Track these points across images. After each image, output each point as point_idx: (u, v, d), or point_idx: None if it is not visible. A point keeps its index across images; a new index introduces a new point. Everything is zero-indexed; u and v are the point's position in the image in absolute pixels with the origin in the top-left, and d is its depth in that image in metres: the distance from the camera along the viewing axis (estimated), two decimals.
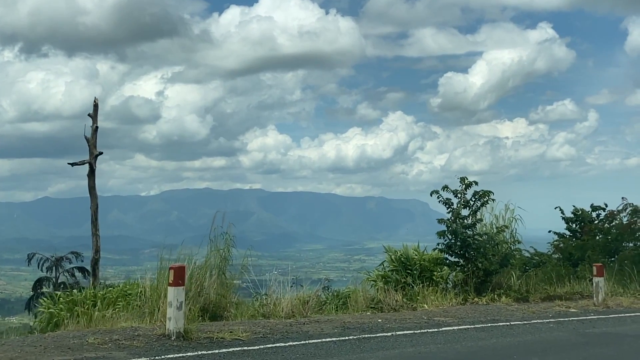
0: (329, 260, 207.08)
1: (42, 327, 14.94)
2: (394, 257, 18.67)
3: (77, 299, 14.69)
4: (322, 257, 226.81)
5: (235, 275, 15.65)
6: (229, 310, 14.03)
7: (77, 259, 50.97)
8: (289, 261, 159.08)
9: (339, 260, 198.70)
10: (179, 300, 9.99)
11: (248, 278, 16.17)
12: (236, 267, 16.82)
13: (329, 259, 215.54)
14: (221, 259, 15.50)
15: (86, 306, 14.07)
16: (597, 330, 12.69)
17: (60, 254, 51.70)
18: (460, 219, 17.63)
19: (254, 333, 10.91)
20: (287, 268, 68.87)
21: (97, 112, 25.22)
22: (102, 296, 14.77)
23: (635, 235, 21.57)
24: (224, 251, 15.57)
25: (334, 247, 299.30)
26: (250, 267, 17.27)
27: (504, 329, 12.43)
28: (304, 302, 14.74)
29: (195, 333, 10.28)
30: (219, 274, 15.21)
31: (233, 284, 15.43)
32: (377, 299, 15.70)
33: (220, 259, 15.45)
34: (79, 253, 51.49)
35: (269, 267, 78.94)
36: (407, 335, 11.38)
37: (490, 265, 17.31)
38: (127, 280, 16.65)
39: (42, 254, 51.46)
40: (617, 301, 16.70)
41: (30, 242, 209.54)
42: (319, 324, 12.35)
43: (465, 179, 18.12)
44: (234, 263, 15.79)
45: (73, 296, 14.96)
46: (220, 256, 15.51)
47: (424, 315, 14.01)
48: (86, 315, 13.47)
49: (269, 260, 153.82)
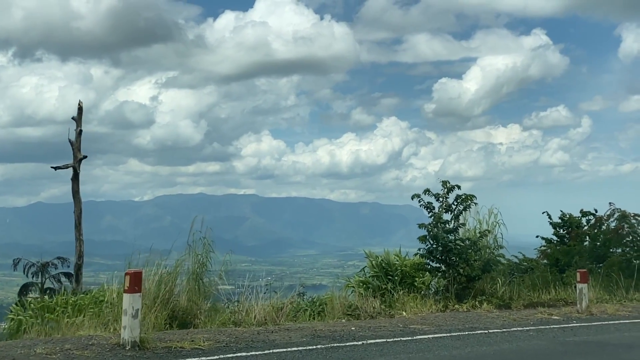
0: (322, 265, 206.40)
1: (10, 334, 14.46)
2: (374, 262, 18.24)
3: (48, 305, 14.27)
4: (315, 262, 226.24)
5: (213, 281, 15.18)
6: (199, 317, 13.53)
7: (62, 265, 50.52)
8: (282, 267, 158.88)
9: (333, 266, 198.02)
10: (135, 307, 9.49)
11: (240, 284, 15.77)
12: (229, 272, 16.48)
13: (322, 264, 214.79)
14: (199, 264, 15.10)
15: (56, 313, 13.65)
16: (578, 338, 12.23)
17: (46, 259, 51.26)
18: (442, 224, 17.18)
19: (217, 342, 10.41)
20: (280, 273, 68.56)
21: (82, 115, 24.80)
22: (73, 303, 14.32)
23: (623, 241, 21.19)
24: (202, 256, 15.16)
25: (328, 253, 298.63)
26: (247, 272, 16.85)
27: (481, 337, 11.96)
28: (278, 309, 14.29)
29: (152, 342, 9.77)
30: (196, 279, 14.82)
31: (209, 290, 14.95)
32: (354, 306, 15.23)
33: (198, 265, 15.06)
34: (65, 258, 50.98)
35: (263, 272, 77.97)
36: (378, 344, 10.90)
37: (472, 271, 16.87)
38: (102, 286, 16.17)
39: (27, 260, 51.04)
40: (601, 308, 16.26)
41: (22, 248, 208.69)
42: (289, 332, 11.86)
43: (447, 182, 17.68)
44: (228, 268, 15.42)
45: (44, 302, 14.53)
46: (198, 261, 15.11)
47: (400, 322, 13.54)
48: (56, 322, 13.05)
49: (263, 265, 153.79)
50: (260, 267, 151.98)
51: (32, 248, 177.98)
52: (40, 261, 50.35)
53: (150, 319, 12.22)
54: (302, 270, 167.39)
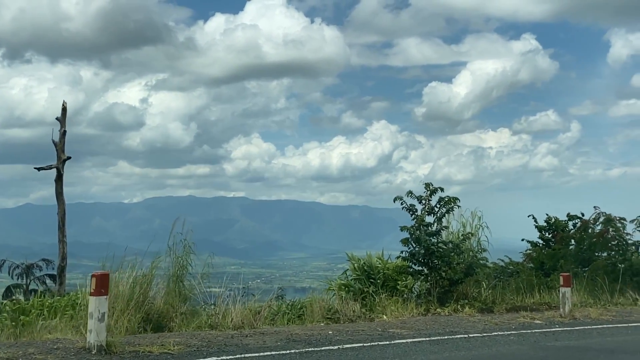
0: (312, 268, 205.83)
1: None
2: (356, 265, 18.02)
3: (24, 307, 13.99)
4: (305, 265, 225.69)
5: (192, 284, 14.92)
6: (174, 320, 13.25)
7: (47, 267, 50.19)
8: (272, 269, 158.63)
9: (323, 269, 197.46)
10: (101, 311, 9.20)
11: (229, 286, 15.52)
12: (215, 274, 16.26)
13: (312, 267, 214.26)
14: (179, 266, 14.85)
15: (31, 316, 13.37)
16: (559, 343, 12.01)
17: (31, 261, 50.95)
18: (425, 226, 16.96)
19: (188, 346, 10.13)
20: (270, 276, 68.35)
21: (66, 116, 24.50)
22: (49, 305, 14.05)
23: (608, 245, 21.05)
24: (182, 259, 14.91)
25: (318, 256, 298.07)
26: (228, 274, 16.60)
27: (461, 342, 11.72)
28: (256, 312, 14.02)
29: (119, 346, 9.48)
30: (176, 282, 14.57)
31: (189, 292, 14.68)
32: (334, 309, 14.98)
33: (178, 267, 14.81)
34: (50, 260, 50.64)
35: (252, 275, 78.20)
36: (354, 349, 10.64)
37: (455, 274, 16.66)
38: (79, 288, 15.88)
39: (12, 261, 50.73)
40: (585, 312, 16.09)
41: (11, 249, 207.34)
42: (264, 336, 11.59)
43: (430, 184, 17.48)
44: (210, 271, 15.18)
45: (20, 305, 14.25)
46: (179, 264, 14.86)
47: (379, 326, 13.28)
48: (30, 325, 12.76)
49: (252, 268, 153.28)
50: (249, 269, 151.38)
51: (20, 249, 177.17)
52: (25, 263, 50.04)
53: (123, 322, 11.96)
54: (291, 273, 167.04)
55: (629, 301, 18.57)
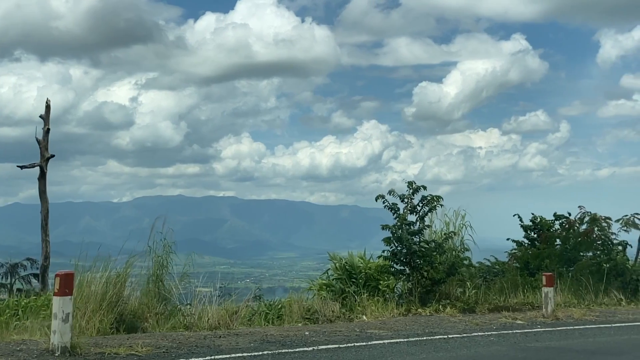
0: (301, 268, 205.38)
1: None
2: (338, 265, 17.81)
3: None
4: (295, 265, 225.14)
5: (172, 284, 14.63)
6: (148, 321, 12.96)
7: (32, 266, 49.80)
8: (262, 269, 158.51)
9: (312, 269, 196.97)
10: (65, 311, 8.92)
11: (218, 286, 15.25)
12: (207, 274, 16.00)
13: (302, 267, 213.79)
14: (159, 266, 14.59)
15: (5, 316, 13.07)
16: (540, 344, 11.79)
17: (16, 260, 50.56)
18: (406, 225, 16.73)
19: (157, 347, 9.85)
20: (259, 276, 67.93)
21: (49, 114, 24.18)
22: (25, 305, 13.76)
23: (593, 244, 20.85)
24: (162, 258, 14.65)
25: (308, 256, 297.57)
26: (226, 274, 16.33)
27: (440, 343, 11.48)
28: (232, 313, 13.75)
29: (85, 348, 9.20)
30: (156, 282, 14.31)
31: (165, 293, 14.38)
32: (314, 310, 14.72)
33: (158, 266, 14.55)
34: (35, 259, 50.24)
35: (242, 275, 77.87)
36: (329, 350, 10.39)
37: (437, 274, 16.44)
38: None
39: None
40: (568, 312, 15.88)
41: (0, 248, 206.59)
42: (238, 337, 11.32)
43: (412, 183, 17.25)
44: (205, 271, 14.96)
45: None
46: (158, 263, 14.60)
47: (358, 327, 13.03)
48: (4, 325, 12.47)
49: (242, 268, 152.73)
50: (239, 269, 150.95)
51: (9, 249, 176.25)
52: (9, 262, 49.62)
53: (94, 322, 11.69)
54: (281, 272, 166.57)
55: (614, 301, 18.39)
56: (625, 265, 19.92)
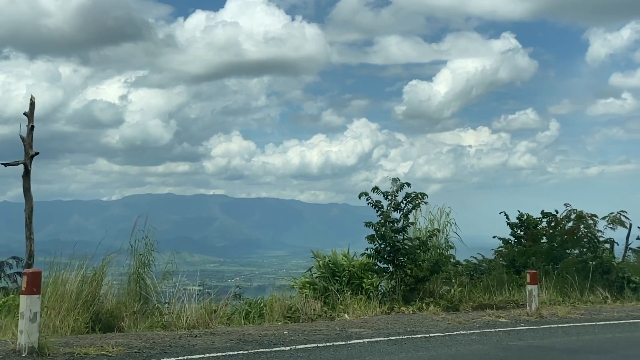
0: (292, 266, 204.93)
1: None
2: (321, 263, 17.60)
3: None
4: (285, 263, 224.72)
5: (155, 283, 14.38)
6: (124, 320, 12.71)
7: (18, 264, 49.43)
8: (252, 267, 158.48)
9: (302, 267, 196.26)
10: (33, 310, 8.67)
11: (209, 284, 15.01)
12: (197, 273, 15.77)
13: (292, 265, 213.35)
14: (140, 264, 14.36)
15: None
16: (522, 342, 11.60)
17: (1, 259, 50.15)
18: (390, 222, 16.53)
19: (129, 347, 9.61)
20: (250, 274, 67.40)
21: (34, 111, 23.91)
22: (2, 304, 13.53)
23: (579, 242, 20.71)
24: (144, 256, 14.42)
25: (298, 254, 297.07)
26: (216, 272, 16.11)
27: (420, 342, 11.29)
28: (212, 311, 13.52)
29: (53, 348, 8.95)
30: (137, 280, 14.08)
31: (146, 291, 14.12)
32: (295, 308, 14.51)
33: (139, 265, 14.32)
34: (21, 258, 49.90)
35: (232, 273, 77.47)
36: (307, 350, 10.18)
37: (421, 271, 16.25)
38: None
39: None
40: (553, 310, 15.70)
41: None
42: (215, 336, 11.10)
43: (397, 180, 17.03)
44: (195, 269, 14.69)
45: None
46: (140, 262, 14.37)
47: (339, 326, 12.83)
48: None
49: (232, 266, 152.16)
50: (229, 267, 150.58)
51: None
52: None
53: (68, 322, 11.45)
54: (271, 271, 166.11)
55: (599, 299, 18.24)
56: (611, 262, 19.75)
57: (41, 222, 22.25)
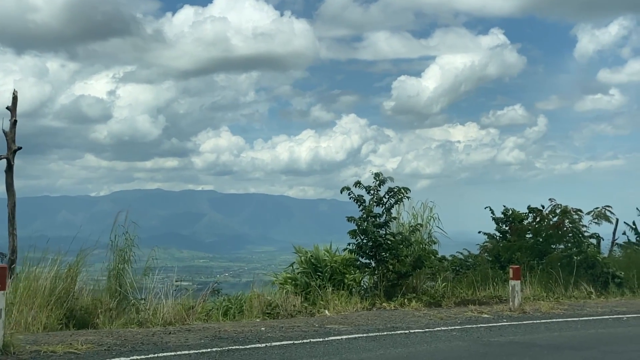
0: (281, 262, 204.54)
1: None
2: (303, 258, 17.44)
3: None
4: (274, 259, 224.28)
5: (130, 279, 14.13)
6: (98, 317, 12.46)
7: (2, 260, 49.06)
8: (240, 263, 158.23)
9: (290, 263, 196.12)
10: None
11: (197, 280, 14.72)
12: (187, 269, 15.44)
13: (281, 261, 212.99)
14: (120, 260, 14.13)
15: None
16: (504, 339, 11.42)
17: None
18: (372, 217, 16.34)
19: (99, 345, 9.35)
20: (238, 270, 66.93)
21: (16, 105, 23.60)
22: None
23: (564, 237, 20.59)
24: (124, 252, 14.19)
25: (286, 249, 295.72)
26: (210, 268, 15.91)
27: (400, 338, 11.09)
28: (189, 308, 13.29)
29: (19, 346, 8.69)
30: (116, 276, 13.85)
31: (125, 287, 13.86)
32: (275, 304, 14.29)
33: (119, 260, 14.10)
34: (5, 254, 49.53)
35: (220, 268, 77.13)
36: (283, 347, 9.95)
37: (403, 267, 16.07)
38: None
39: None
40: (536, 306, 15.54)
41: None
42: (190, 333, 10.86)
43: (379, 174, 16.84)
44: (184, 265, 14.41)
45: None
46: (120, 257, 14.15)
47: (318, 322, 12.61)
48: None
49: (221, 262, 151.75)
50: (218, 263, 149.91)
51: None
52: None
53: (40, 318, 11.20)
54: (260, 266, 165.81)
55: (583, 294, 18.12)
56: (595, 258, 19.64)
57: (28, 218, 22.00)
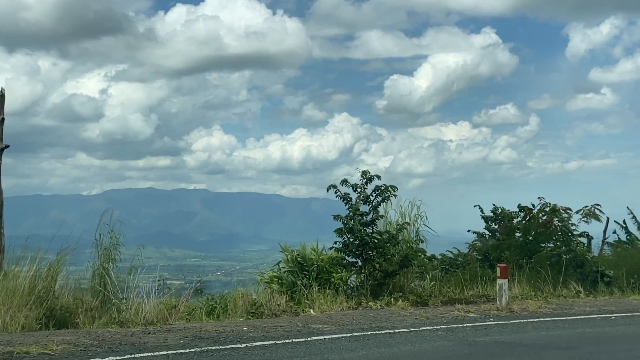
0: (273, 261, 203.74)
1: None
2: (290, 257, 17.23)
3: None
4: (266, 257, 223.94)
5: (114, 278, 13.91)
6: (79, 316, 12.26)
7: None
8: (233, 262, 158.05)
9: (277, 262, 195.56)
10: None
11: (190, 279, 14.52)
12: (179, 268, 15.25)
13: (273, 259, 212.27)
14: (105, 258, 13.93)
15: None
16: (490, 338, 11.27)
17: None
18: (359, 216, 16.17)
19: (75, 345, 9.16)
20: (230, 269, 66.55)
21: (4, 102, 23.37)
22: None
23: (553, 235, 20.47)
24: (109, 250, 14.00)
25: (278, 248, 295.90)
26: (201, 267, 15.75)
27: (384, 338, 10.92)
28: (172, 307, 13.10)
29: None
30: (101, 275, 13.64)
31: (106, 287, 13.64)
32: (260, 304, 14.11)
33: (104, 259, 13.90)
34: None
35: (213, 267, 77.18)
36: (264, 347, 9.77)
37: (390, 265, 15.90)
38: None
39: None
40: (524, 305, 15.38)
41: None
42: (170, 333, 10.67)
43: (367, 172, 16.67)
44: (176, 264, 14.22)
45: None
46: (105, 256, 13.95)
47: (302, 321, 12.44)
48: None
49: (213, 261, 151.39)
50: (210, 262, 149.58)
51: None
52: None
53: (18, 318, 11.00)
54: (252, 265, 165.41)
55: (572, 293, 17.97)
56: (584, 256, 19.52)
57: (20, 217, 21.91)
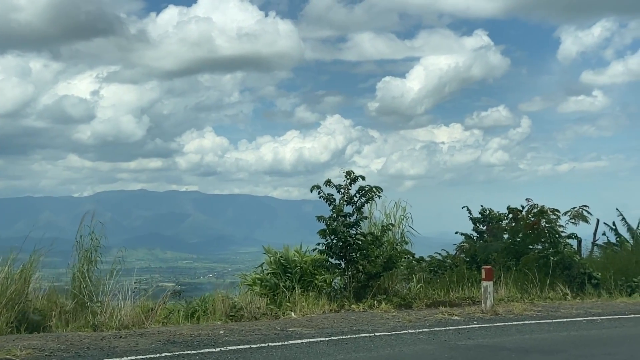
0: None
1: None
2: (273, 258, 16.95)
3: None
4: (258, 260, 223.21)
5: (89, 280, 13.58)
6: (52, 320, 11.94)
7: None
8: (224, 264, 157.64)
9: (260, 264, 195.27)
10: None
11: (182, 281, 14.21)
12: (170, 270, 14.99)
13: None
14: (85, 261, 13.62)
15: None
16: (472, 342, 11.00)
17: None
18: (342, 217, 15.89)
19: (41, 350, 8.85)
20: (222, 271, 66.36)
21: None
22: None
23: (540, 237, 20.23)
24: (89, 252, 13.69)
25: None
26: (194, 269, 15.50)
27: (363, 342, 10.64)
28: (148, 310, 12.79)
29: None
30: (82, 278, 13.32)
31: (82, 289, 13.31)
32: (239, 306, 13.80)
33: (83, 261, 13.59)
34: None
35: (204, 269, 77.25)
36: (238, 352, 9.48)
37: (373, 267, 15.62)
38: None
39: None
40: (509, 307, 15.13)
41: None
42: (141, 337, 10.35)
43: (351, 172, 16.39)
44: (167, 266, 13.94)
45: None
46: (85, 258, 13.64)
47: (281, 325, 12.15)
48: None
49: (204, 263, 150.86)
50: (201, 264, 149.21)
51: None
52: None
53: None
54: (244, 267, 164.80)
55: (559, 295, 17.74)
56: (572, 258, 19.29)
57: (11, 219, 21.53)
